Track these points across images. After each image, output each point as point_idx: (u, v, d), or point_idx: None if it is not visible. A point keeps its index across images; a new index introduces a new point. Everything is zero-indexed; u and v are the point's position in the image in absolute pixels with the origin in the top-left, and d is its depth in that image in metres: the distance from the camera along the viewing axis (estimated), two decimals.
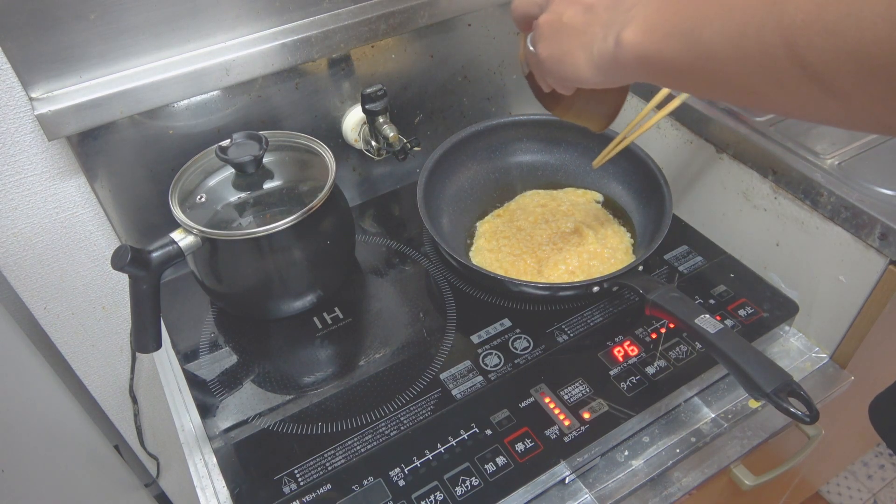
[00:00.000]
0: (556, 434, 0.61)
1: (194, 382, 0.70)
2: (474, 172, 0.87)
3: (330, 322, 0.75)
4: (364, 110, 0.80)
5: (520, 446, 0.60)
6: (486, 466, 0.59)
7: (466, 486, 0.57)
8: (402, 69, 0.86)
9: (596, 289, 0.68)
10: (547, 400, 0.64)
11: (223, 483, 0.61)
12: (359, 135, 0.85)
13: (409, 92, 0.89)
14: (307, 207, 0.66)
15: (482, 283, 0.77)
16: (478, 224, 0.84)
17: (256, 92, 0.77)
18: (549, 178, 0.88)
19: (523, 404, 0.64)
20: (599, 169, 0.86)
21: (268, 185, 0.71)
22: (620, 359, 0.68)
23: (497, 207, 0.86)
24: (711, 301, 0.73)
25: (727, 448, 0.68)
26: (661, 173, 0.78)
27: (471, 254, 0.80)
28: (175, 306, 0.79)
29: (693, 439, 0.66)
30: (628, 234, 0.80)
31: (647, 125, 0.74)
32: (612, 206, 0.84)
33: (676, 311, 0.62)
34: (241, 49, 0.72)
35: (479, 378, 0.67)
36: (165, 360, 0.75)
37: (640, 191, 0.82)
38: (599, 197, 0.85)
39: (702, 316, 0.60)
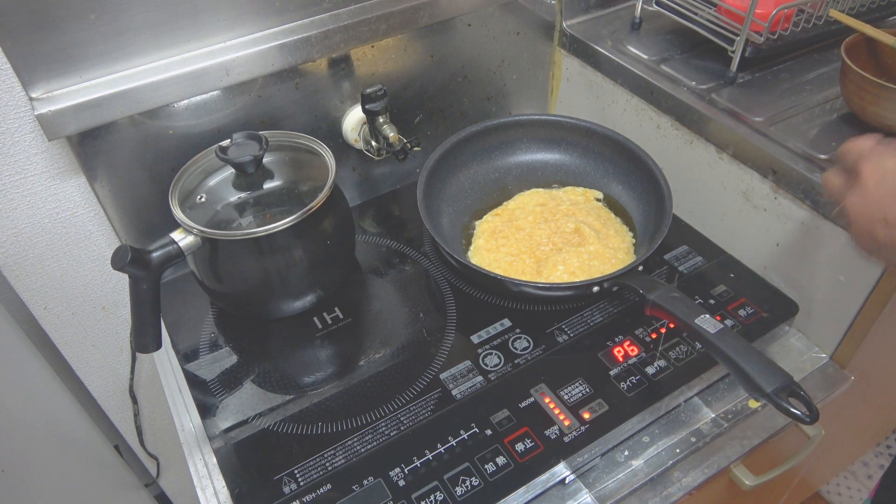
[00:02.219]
0: (556, 434, 0.61)
1: (194, 382, 0.70)
2: (474, 172, 0.87)
3: (330, 322, 0.75)
4: (364, 110, 0.80)
5: (520, 446, 0.60)
6: (486, 466, 0.59)
7: (466, 486, 0.57)
8: (402, 69, 0.86)
9: (596, 289, 0.68)
10: (547, 400, 0.64)
11: (223, 483, 0.61)
12: (359, 135, 0.85)
13: (409, 92, 0.89)
14: (307, 207, 0.66)
15: (482, 283, 0.77)
16: (476, 223, 0.84)
17: (256, 92, 0.77)
18: (549, 177, 0.88)
19: (523, 404, 0.64)
20: (600, 169, 0.86)
21: (268, 185, 0.71)
22: (620, 359, 0.68)
23: (496, 207, 0.86)
24: (711, 301, 0.73)
25: (727, 448, 0.68)
26: (661, 173, 0.78)
27: (469, 254, 0.80)
28: (175, 306, 0.79)
29: (693, 439, 0.66)
30: (630, 234, 0.80)
31: None
32: (612, 205, 0.84)
33: (676, 311, 0.62)
34: (241, 49, 0.72)
35: (479, 378, 0.67)
36: (165, 360, 0.75)
37: (641, 191, 0.82)
38: (599, 195, 0.85)
39: (702, 316, 0.60)
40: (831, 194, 0.52)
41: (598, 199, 0.85)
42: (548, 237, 0.79)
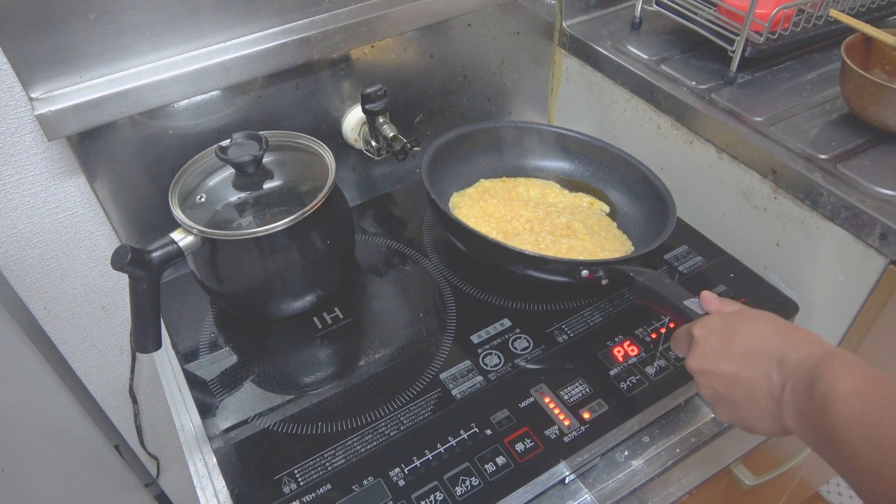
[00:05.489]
0: (556, 434, 0.61)
1: (194, 382, 0.70)
2: (484, 167, 0.88)
3: (330, 322, 0.75)
4: (364, 110, 0.80)
5: (520, 446, 0.60)
6: (486, 466, 0.59)
7: (466, 486, 0.57)
8: (402, 69, 0.86)
9: (585, 272, 0.67)
10: (547, 400, 0.64)
11: (223, 483, 0.61)
12: (359, 135, 0.85)
13: (409, 92, 0.89)
14: (307, 207, 0.66)
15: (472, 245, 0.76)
16: (482, 179, 0.86)
17: (256, 92, 0.77)
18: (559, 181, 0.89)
19: (523, 404, 0.64)
20: (609, 185, 0.86)
21: (268, 185, 0.71)
22: (620, 359, 0.68)
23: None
24: None
25: (727, 448, 0.68)
26: (667, 192, 0.77)
27: (455, 194, 0.83)
28: (175, 306, 0.79)
29: (693, 439, 0.66)
30: (629, 242, 0.80)
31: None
32: (616, 221, 0.84)
33: (664, 292, 0.61)
34: (241, 49, 0.72)
35: (479, 378, 0.67)
36: (165, 360, 0.75)
37: (646, 210, 0.81)
38: (606, 208, 0.85)
39: (691, 299, 0.59)
40: (678, 353, 0.58)
41: (604, 211, 0.85)
42: (527, 220, 0.79)
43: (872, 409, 0.39)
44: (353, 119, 0.84)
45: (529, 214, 0.80)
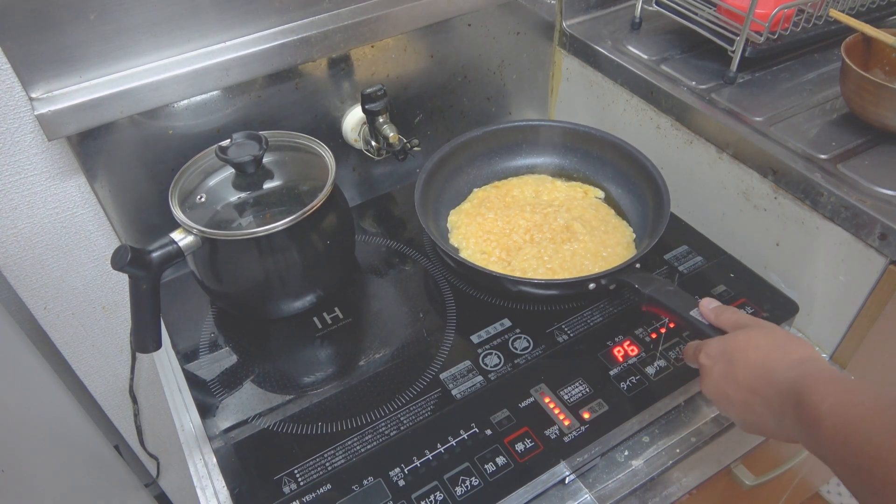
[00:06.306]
0: (556, 434, 0.61)
1: (194, 382, 0.70)
2: (473, 176, 0.88)
3: (330, 322, 0.75)
4: (364, 110, 0.80)
5: (520, 446, 0.60)
6: (486, 466, 0.59)
7: (466, 486, 0.57)
8: (402, 69, 0.86)
9: (592, 286, 0.68)
10: (547, 400, 0.64)
11: (223, 483, 0.61)
12: (359, 135, 0.85)
13: (409, 92, 0.89)
14: (307, 207, 0.66)
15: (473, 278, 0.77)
16: (475, 190, 0.86)
17: (256, 92, 0.77)
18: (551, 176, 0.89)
19: (523, 404, 0.64)
20: (600, 172, 0.86)
21: (268, 185, 0.71)
22: (620, 359, 0.68)
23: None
24: None
25: (727, 448, 0.68)
26: (658, 173, 0.78)
27: (451, 212, 0.83)
28: (175, 306, 0.79)
29: (693, 439, 0.66)
30: (630, 229, 0.80)
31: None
32: (612, 206, 0.84)
33: (671, 303, 0.62)
34: (240, 49, 0.72)
35: (479, 378, 0.67)
36: (165, 360, 0.75)
37: (639, 192, 0.82)
38: (601, 194, 0.85)
39: (697, 308, 0.60)
40: (690, 365, 0.61)
41: (599, 198, 0.85)
42: (526, 230, 0.79)
43: (850, 419, 0.43)
44: (353, 119, 0.84)
45: (527, 223, 0.80)
